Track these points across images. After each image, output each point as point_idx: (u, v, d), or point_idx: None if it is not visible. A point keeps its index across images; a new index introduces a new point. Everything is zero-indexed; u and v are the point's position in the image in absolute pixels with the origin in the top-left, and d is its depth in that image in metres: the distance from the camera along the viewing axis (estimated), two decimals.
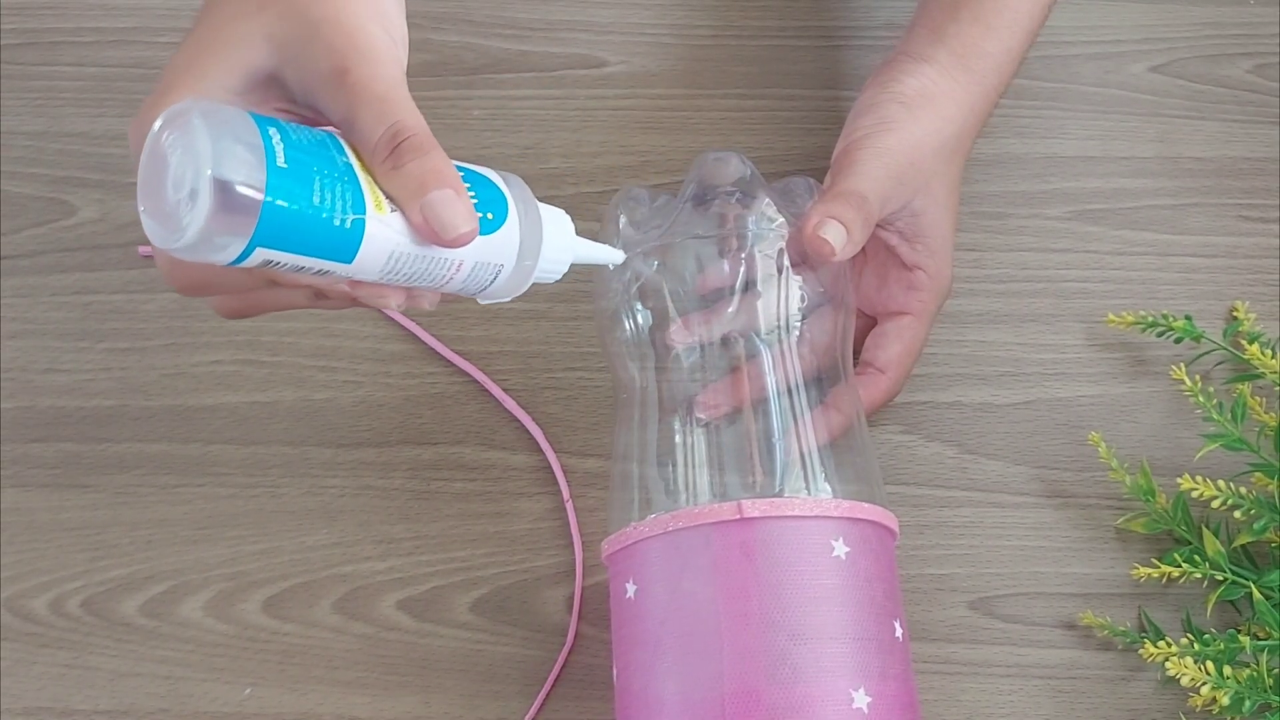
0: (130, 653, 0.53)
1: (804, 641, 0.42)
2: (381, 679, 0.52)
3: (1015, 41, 0.53)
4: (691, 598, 0.43)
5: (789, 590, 0.43)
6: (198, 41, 0.41)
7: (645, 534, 0.45)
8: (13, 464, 0.56)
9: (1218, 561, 0.51)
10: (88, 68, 0.65)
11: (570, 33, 0.66)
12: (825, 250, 0.48)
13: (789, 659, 0.42)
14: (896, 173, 0.50)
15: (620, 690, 0.45)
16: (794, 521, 0.44)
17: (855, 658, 0.43)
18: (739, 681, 0.42)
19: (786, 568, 0.43)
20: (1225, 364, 0.57)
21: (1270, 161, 0.62)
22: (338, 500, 0.55)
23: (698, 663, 0.42)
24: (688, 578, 0.44)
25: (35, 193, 0.62)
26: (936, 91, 0.52)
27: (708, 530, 0.44)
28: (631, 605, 0.45)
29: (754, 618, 0.42)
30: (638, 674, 0.44)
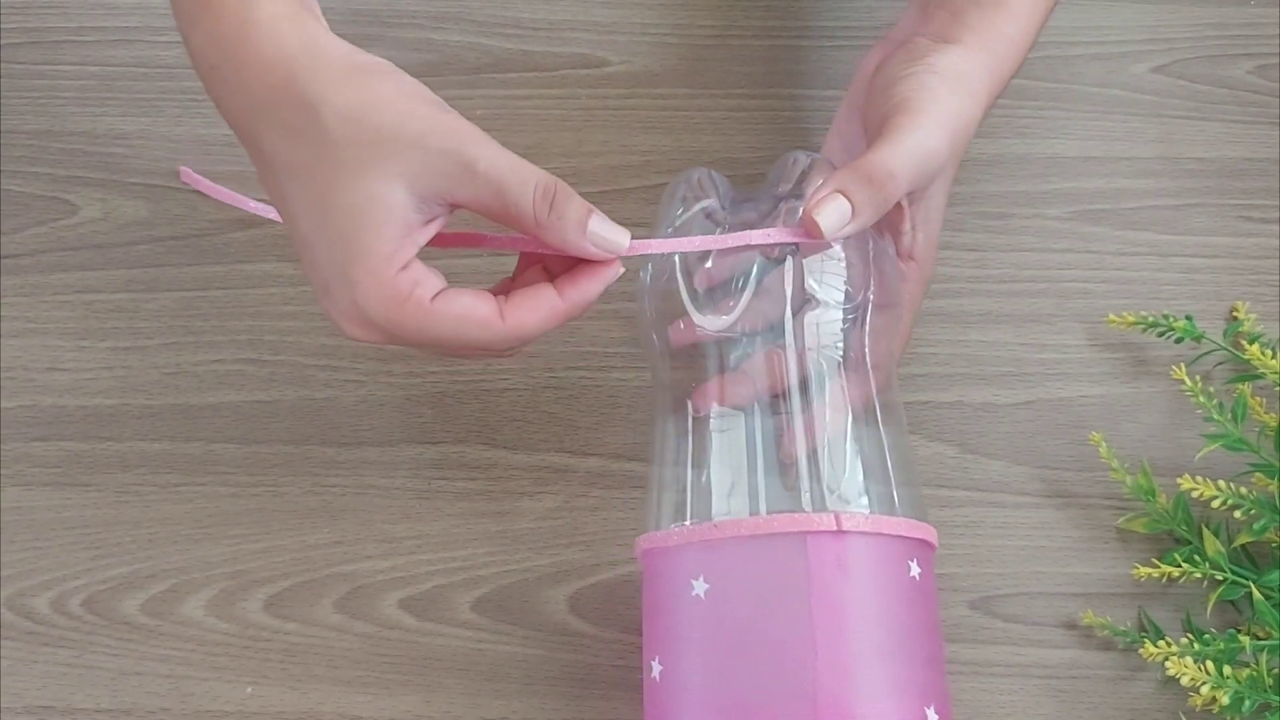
0: (132, 651, 0.53)
1: (890, 660, 0.43)
2: (383, 678, 0.52)
3: (1032, 25, 0.52)
4: (784, 605, 0.43)
5: (879, 608, 0.43)
6: (333, 236, 0.44)
7: (728, 534, 0.44)
8: (14, 463, 0.56)
9: (1218, 561, 0.51)
10: (90, 67, 0.65)
11: (572, 32, 0.66)
12: (815, 234, 0.46)
13: (878, 676, 0.42)
14: (934, 150, 0.48)
15: (667, 687, 0.44)
16: (884, 540, 0.44)
17: (928, 677, 0.44)
18: (832, 694, 0.41)
19: (877, 585, 0.43)
20: (1226, 364, 0.57)
21: (1271, 162, 0.62)
22: (339, 499, 0.55)
23: (789, 671, 0.42)
24: (780, 584, 0.43)
25: (37, 191, 0.62)
26: (964, 73, 0.50)
27: (802, 539, 0.43)
28: (701, 604, 0.44)
29: (848, 633, 0.42)
30: (703, 675, 0.43)
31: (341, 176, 0.43)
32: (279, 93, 0.43)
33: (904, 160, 0.47)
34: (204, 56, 0.45)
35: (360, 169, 0.43)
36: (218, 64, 0.45)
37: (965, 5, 0.51)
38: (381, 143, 0.43)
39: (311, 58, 0.44)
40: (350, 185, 0.43)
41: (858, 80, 0.55)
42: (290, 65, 0.44)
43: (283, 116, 0.44)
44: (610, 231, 0.45)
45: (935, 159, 0.48)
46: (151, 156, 0.63)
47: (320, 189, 0.43)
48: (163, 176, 0.62)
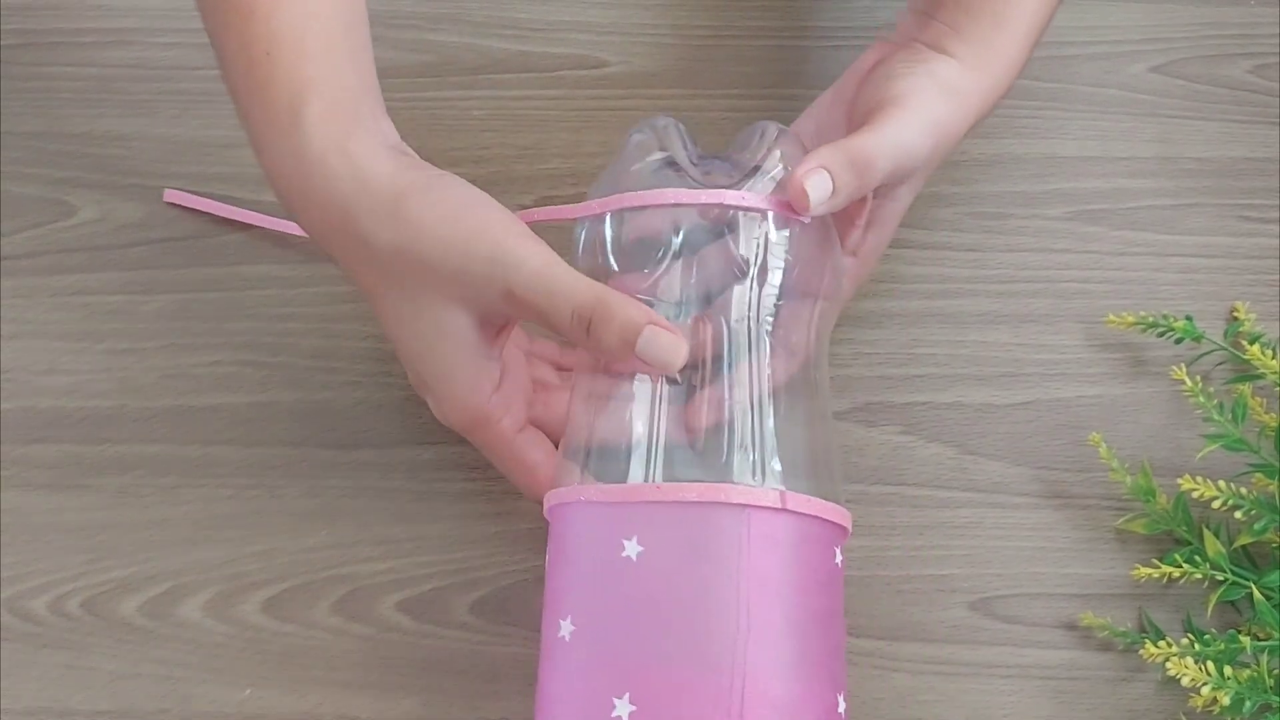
0: (130, 653, 0.53)
1: (811, 643, 0.43)
2: (381, 680, 0.52)
3: (1027, 43, 0.52)
4: (717, 576, 0.42)
5: (806, 590, 0.43)
6: (418, 352, 0.47)
7: (670, 497, 0.43)
8: (12, 465, 0.56)
9: (1218, 562, 0.51)
10: (87, 68, 0.65)
11: (570, 33, 0.66)
12: (800, 205, 0.45)
13: (799, 657, 0.42)
14: (916, 148, 0.48)
15: (578, 647, 0.43)
16: (820, 523, 0.44)
17: (840, 666, 0.44)
18: (756, 670, 0.41)
19: (808, 568, 0.43)
20: (1226, 364, 0.57)
21: (1270, 162, 0.62)
22: (337, 501, 0.55)
23: (715, 642, 0.41)
24: (716, 554, 0.42)
25: (35, 193, 0.62)
26: (957, 85, 0.50)
27: (745, 511, 0.43)
28: (630, 566, 0.43)
29: (777, 611, 0.42)
30: (622, 638, 0.42)
31: (408, 304, 0.46)
32: (337, 231, 0.46)
33: (886, 151, 0.47)
34: (271, 182, 0.48)
35: (421, 298, 0.46)
36: (284, 194, 0.48)
37: (962, 20, 0.51)
38: (430, 273, 0.45)
39: (359, 195, 0.46)
40: (419, 313, 0.46)
41: (850, 74, 0.55)
42: (343, 206, 0.46)
43: (347, 249, 0.47)
44: (661, 350, 0.44)
45: (914, 158, 0.48)
46: (149, 158, 0.63)
47: (396, 311, 0.47)
48: (160, 178, 0.62)
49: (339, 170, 0.46)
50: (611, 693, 0.41)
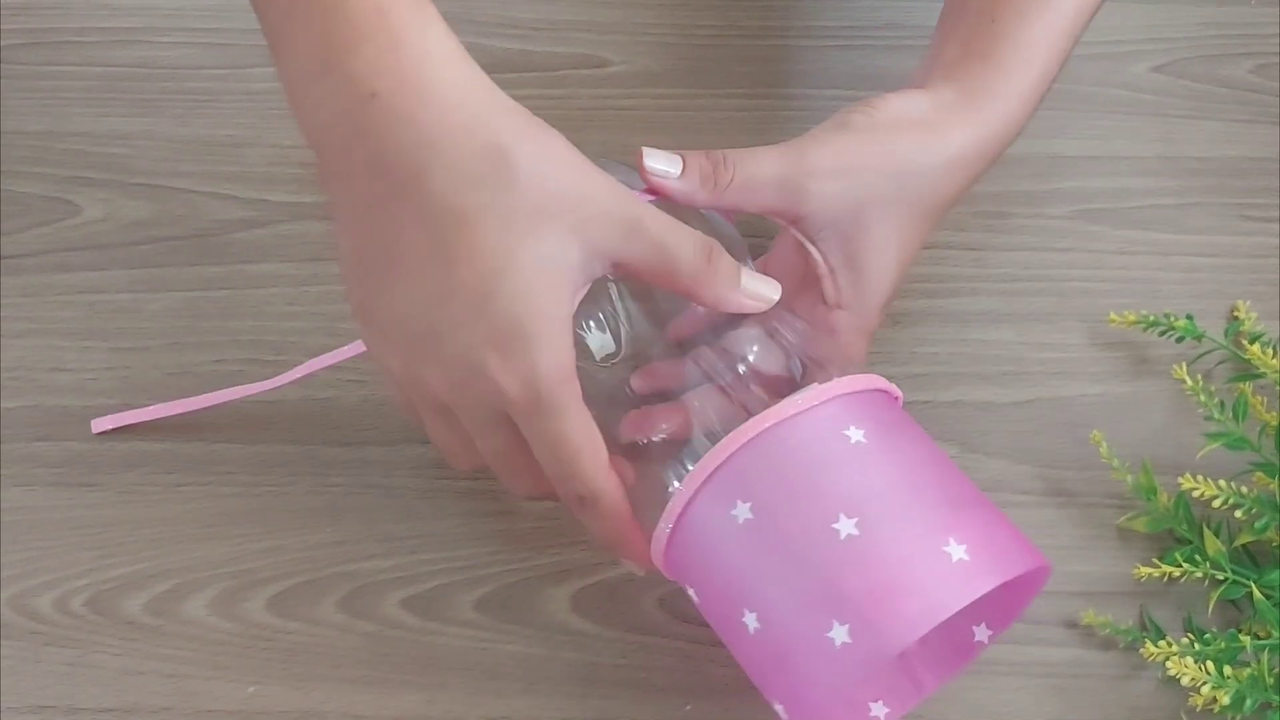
0: (134, 651, 0.53)
1: (917, 497, 0.43)
2: (385, 677, 0.52)
3: (1027, 85, 0.50)
4: (813, 484, 0.42)
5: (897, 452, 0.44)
6: (514, 290, 0.42)
7: (768, 422, 0.43)
8: (17, 463, 0.56)
9: (1219, 561, 0.51)
10: (93, 67, 0.65)
11: (573, 32, 0.66)
12: (639, 164, 0.47)
13: (910, 517, 0.42)
14: (812, 169, 0.48)
15: (771, 630, 0.42)
16: (872, 394, 0.45)
17: (953, 513, 0.44)
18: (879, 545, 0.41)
19: (878, 433, 0.44)
20: (1227, 363, 0.57)
21: (1272, 161, 0.62)
22: (342, 499, 0.55)
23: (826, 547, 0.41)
24: (802, 465, 0.42)
25: (40, 192, 0.62)
26: (923, 120, 0.49)
27: (809, 412, 0.43)
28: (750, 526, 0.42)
29: (879, 480, 0.43)
30: (791, 597, 0.41)
31: (522, 232, 0.42)
32: (461, 133, 0.42)
33: (746, 163, 0.48)
34: (365, 84, 0.42)
35: (541, 221, 0.42)
36: (384, 93, 0.42)
37: (955, 59, 0.51)
38: (565, 195, 0.42)
39: (494, 103, 0.43)
40: (527, 241, 0.42)
41: None
42: (475, 108, 0.42)
43: (461, 159, 0.42)
44: (760, 285, 0.46)
45: (772, 188, 0.48)
46: (154, 157, 0.63)
47: (496, 239, 0.42)
48: (165, 176, 0.62)
49: (471, 79, 0.43)
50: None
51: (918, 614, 0.40)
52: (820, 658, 0.40)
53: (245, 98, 0.65)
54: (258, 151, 0.63)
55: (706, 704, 0.51)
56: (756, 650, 0.43)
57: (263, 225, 0.61)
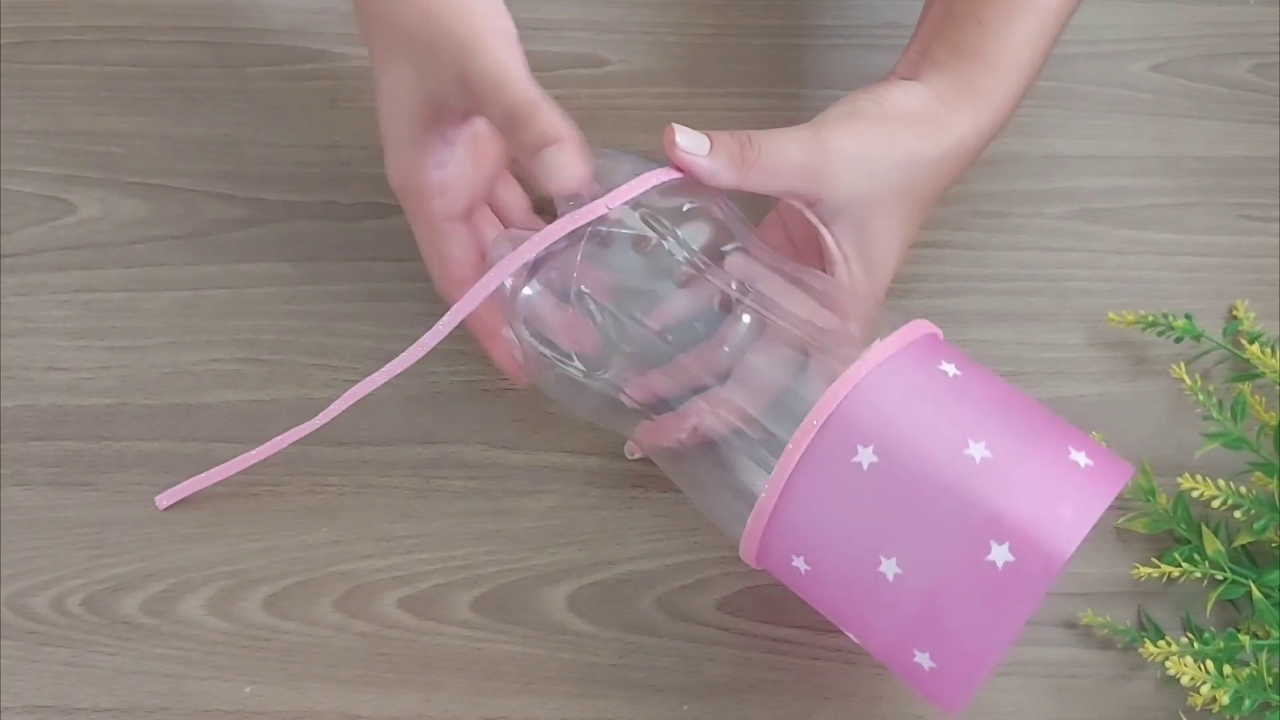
0: (131, 651, 0.53)
1: (1016, 423, 0.44)
2: (382, 677, 0.52)
3: (1015, 84, 0.52)
4: (927, 421, 0.43)
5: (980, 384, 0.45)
6: (381, 103, 0.52)
7: (873, 360, 0.43)
8: (13, 462, 0.56)
9: (1217, 561, 0.51)
10: (89, 66, 0.65)
11: (571, 31, 0.66)
12: (667, 138, 0.48)
13: (1024, 435, 0.43)
14: (832, 155, 0.49)
15: (910, 577, 0.41)
16: (930, 338, 0.47)
17: (1057, 426, 0.45)
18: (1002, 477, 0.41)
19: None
20: (1225, 363, 0.57)
21: (1271, 160, 0.62)
22: (338, 498, 0.55)
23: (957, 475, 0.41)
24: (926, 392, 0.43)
25: (36, 191, 0.62)
26: (926, 113, 0.50)
27: (902, 354, 0.44)
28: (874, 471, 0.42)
29: (978, 411, 0.43)
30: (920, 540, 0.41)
31: (387, 64, 0.50)
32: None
33: (770, 144, 0.48)
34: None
35: (395, 59, 0.50)
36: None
37: (945, 57, 0.52)
38: (406, 37, 0.49)
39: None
40: (388, 71, 0.50)
41: None
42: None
43: (375, 15, 0.50)
44: (558, 166, 0.46)
45: (795, 172, 0.48)
46: (150, 156, 0.63)
47: (379, 71, 0.51)
48: (161, 175, 0.62)
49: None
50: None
51: (1075, 517, 0.40)
52: (981, 583, 0.40)
53: (242, 97, 0.64)
54: (254, 151, 0.63)
55: (704, 704, 0.51)
56: (899, 599, 0.41)
57: (259, 224, 0.61)
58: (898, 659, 0.43)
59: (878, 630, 0.43)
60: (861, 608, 0.43)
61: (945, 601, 0.41)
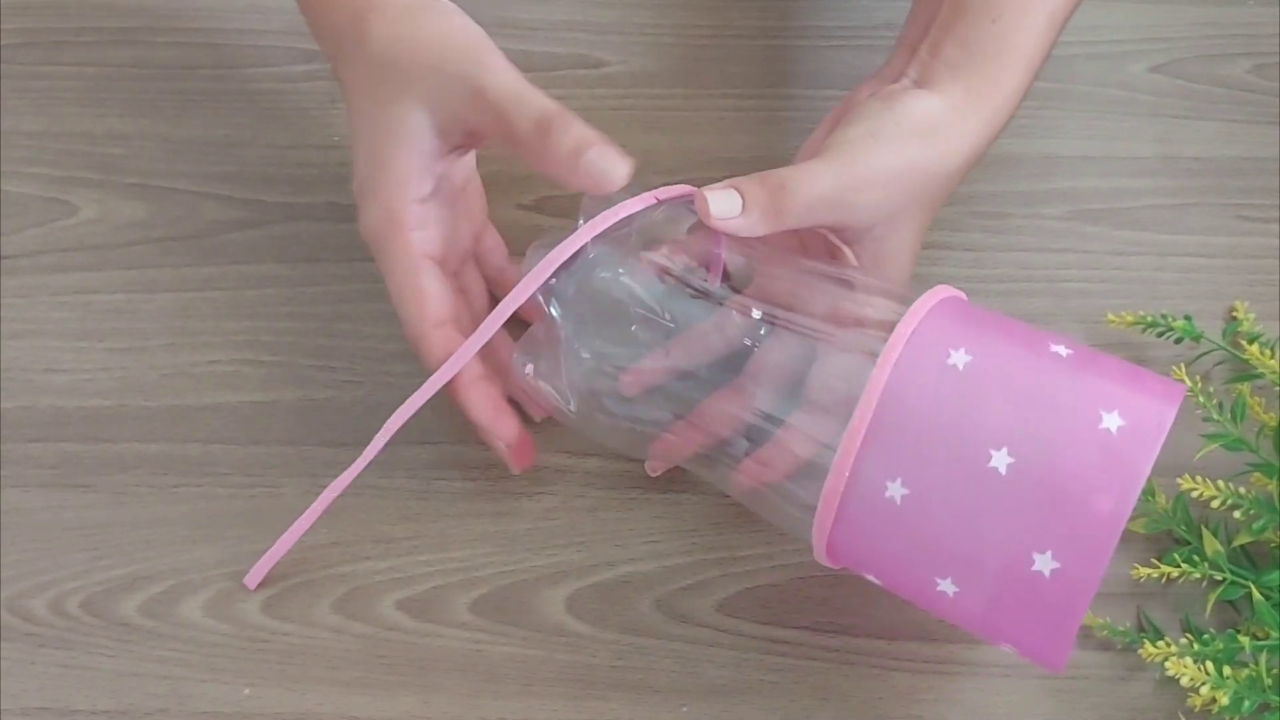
0: (130, 652, 0.53)
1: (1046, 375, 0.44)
2: (381, 679, 0.52)
3: (1026, 81, 0.52)
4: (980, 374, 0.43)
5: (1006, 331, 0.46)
6: (368, 150, 0.51)
7: (919, 312, 0.44)
8: (12, 464, 0.56)
9: (1217, 561, 0.51)
10: (89, 67, 0.65)
11: (570, 32, 0.66)
12: (700, 208, 0.47)
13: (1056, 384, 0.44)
14: (860, 184, 0.49)
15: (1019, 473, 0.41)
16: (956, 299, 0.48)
17: (1095, 372, 0.45)
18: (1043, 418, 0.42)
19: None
20: (1225, 364, 0.57)
21: (1270, 161, 0.62)
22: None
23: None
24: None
25: (36, 192, 0.62)
26: (940, 125, 0.50)
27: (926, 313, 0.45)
28: (956, 375, 0.42)
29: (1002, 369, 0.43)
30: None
31: (378, 99, 0.50)
32: (347, 28, 0.51)
33: (802, 186, 0.48)
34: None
35: (391, 93, 0.49)
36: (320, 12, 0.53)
37: (958, 55, 0.51)
38: (410, 69, 0.49)
39: (381, 1, 0.50)
40: (382, 108, 0.50)
41: (840, 108, 0.55)
42: (360, 5, 0.51)
43: (345, 45, 0.51)
44: (607, 164, 0.47)
45: (827, 206, 0.48)
46: (150, 157, 0.63)
47: (364, 106, 0.51)
48: (161, 177, 0.62)
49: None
50: None
51: (1165, 391, 0.43)
52: (1099, 452, 0.41)
53: (241, 98, 0.65)
54: (254, 152, 0.63)
55: (703, 705, 0.51)
56: (1017, 491, 0.41)
57: (258, 226, 0.61)
58: (1015, 575, 0.41)
59: (993, 540, 0.41)
60: (972, 517, 0.42)
61: (1065, 480, 0.40)
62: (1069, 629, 0.41)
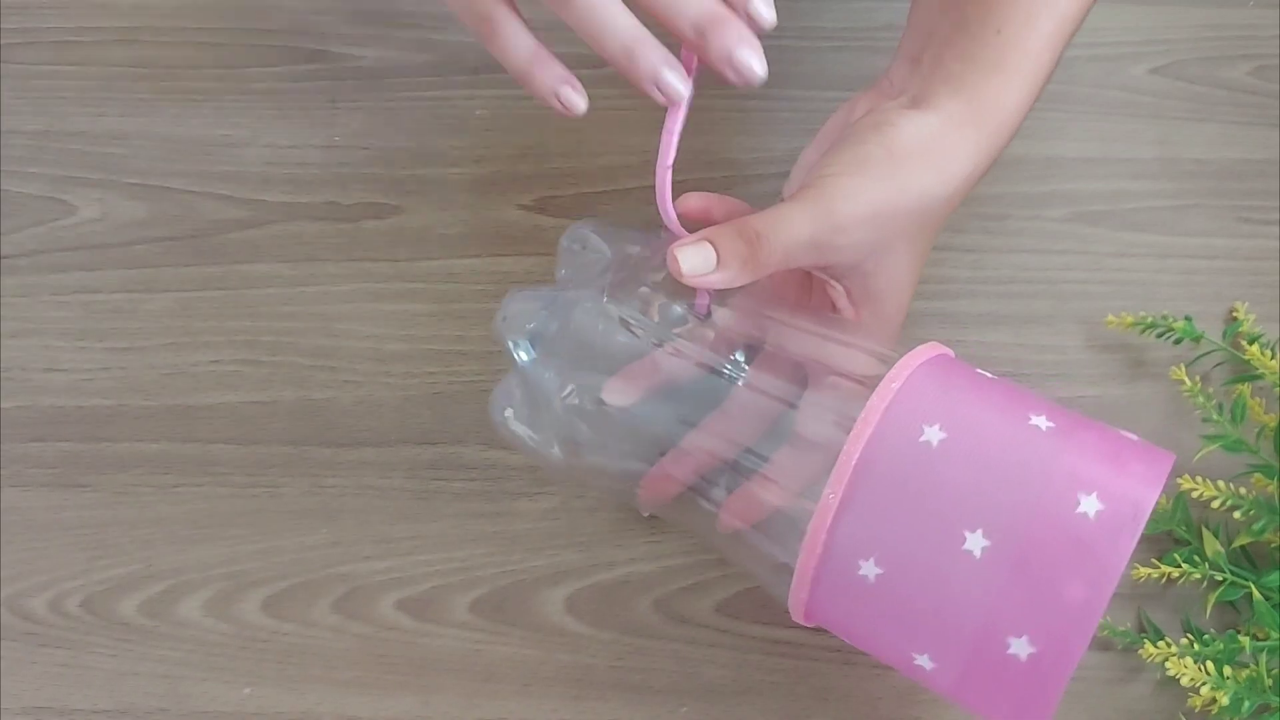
0: (129, 652, 0.53)
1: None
2: (380, 678, 0.52)
3: (1031, 94, 0.49)
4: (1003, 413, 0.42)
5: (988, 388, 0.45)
6: None
7: (909, 364, 0.43)
8: (12, 463, 0.56)
9: (1217, 562, 0.51)
10: (89, 67, 0.65)
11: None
12: (672, 267, 0.45)
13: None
14: (840, 226, 0.46)
15: (985, 560, 0.40)
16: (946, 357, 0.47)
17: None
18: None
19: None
20: (1225, 365, 0.57)
21: (1270, 163, 0.62)
22: (337, 500, 0.55)
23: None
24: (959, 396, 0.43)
25: (36, 192, 0.62)
26: (937, 147, 0.48)
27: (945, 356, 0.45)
28: (935, 449, 0.41)
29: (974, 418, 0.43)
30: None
31: None
32: None
33: (778, 230, 0.46)
34: None
35: None
36: None
37: (957, 68, 0.49)
38: None
39: None
40: None
41: (827, 130, 0.54)
42: None
43: None
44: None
45: (806, 250, 0.46)
46: (150, 157, 0.63)
47: None
48: (161, 176, 0.62)
49: None
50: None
51: (1148, 471, 0.41)
52: (1076, 537, 0.39)
53: (241, 98, 0.64)
54: (254, 152, 0.63)
55: (702, 705, 0.51)
56: (990, 574, 0.40)
57: (258, 225, 0.61)
58: (991, 656, 0.40)
59: (968, 622, 0.41)
60: (947, 599, 0.41)
61: (1040, 566, 0.39)
62: (1045, 711, 0.41)
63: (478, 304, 0.59)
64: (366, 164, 0.62)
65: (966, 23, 0.49)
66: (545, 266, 0.60)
